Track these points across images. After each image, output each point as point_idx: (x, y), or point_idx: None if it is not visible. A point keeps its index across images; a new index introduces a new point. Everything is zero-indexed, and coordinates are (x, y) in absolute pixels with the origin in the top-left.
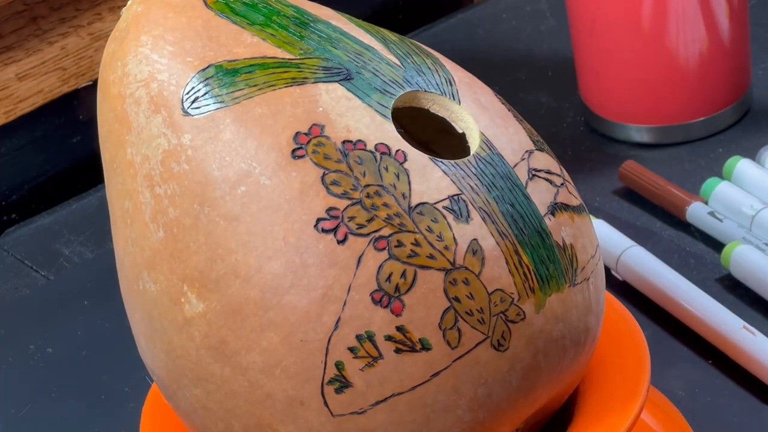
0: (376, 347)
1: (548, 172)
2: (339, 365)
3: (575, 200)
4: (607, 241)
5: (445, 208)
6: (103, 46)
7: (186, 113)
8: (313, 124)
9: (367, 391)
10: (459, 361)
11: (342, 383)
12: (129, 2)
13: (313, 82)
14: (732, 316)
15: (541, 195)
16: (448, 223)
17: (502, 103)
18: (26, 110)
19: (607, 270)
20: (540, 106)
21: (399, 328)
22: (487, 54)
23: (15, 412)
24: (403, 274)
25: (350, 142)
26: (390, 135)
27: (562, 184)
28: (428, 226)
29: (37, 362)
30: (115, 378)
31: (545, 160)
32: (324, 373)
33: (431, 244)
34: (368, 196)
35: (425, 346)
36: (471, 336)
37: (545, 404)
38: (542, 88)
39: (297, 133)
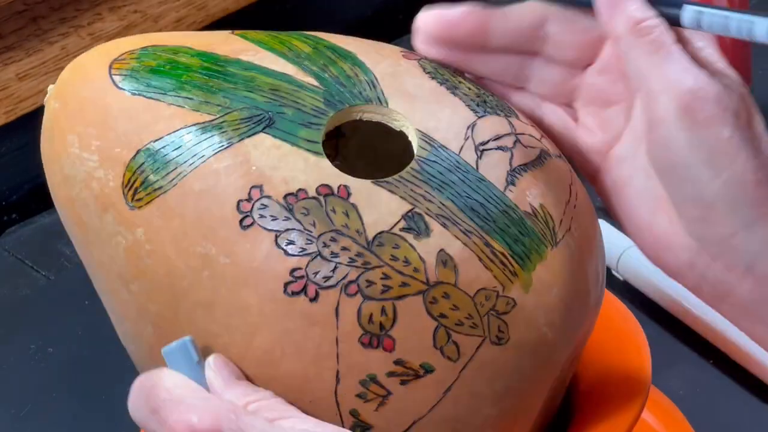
0: (382, 386)
1: (496, 138)
2: (354, 413)
3: (533, 150)
4: (607, 241)
5: (402, 229)
6: None
7: (132, 207)
8: (252, 187)
9: (389, 427)
10: (465, 370)
11: (363, 427)
12: (46, 97)
13: (238, 141)
14: None
15: (495, 169)
16: (409, 244)
17: (433, 78)
18: (26, 110)
19: (608, 270)
20: None
21: (397, 362)
22: None
23: (15, 412)
24: (383, 311)
25: (292, 194)
26: (327, 172)
27: (515, 142)
28: (392, 255)
29: (38, 362)
30: (115, 378)
31: (490, 125)
32: (342, 424)
33: (400, 272)
34: (325, 245)
35: (428, 369)
36: (468, 343)
37: (572, 352)
38: None
39: (239, 202)
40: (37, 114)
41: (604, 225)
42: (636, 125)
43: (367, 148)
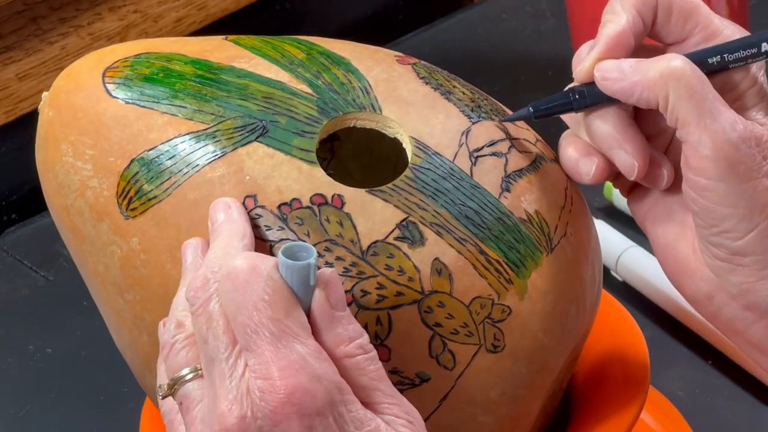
0: None
1: (491, 144)
2: None
3: (528, 156)
4: (607, 241)
5: (396, 238)
6: (102, 45)
7: (126, 217)
8: (246, 197)
9: None
10: (462, 378)
11: None
12: (40, 104)
13: (232, 150)
14: None
15: (489, 176)
16: (403, 253)
17: (427, 83)
18: (26, 110)
19: (606, 271)
20: None
21: (393, 371)
22: (487, 54)
23: (15, 412)
24: (378, 321)
25: (286, 204)
26: (321, 182)
27: (509, 147)
28: (386, 264)
29: (37, 362)
30: (115, 378)
31: (484, 131)
32: None
33: (395, 282)
34: (320, 255)
35: (424, 378)
36: (464, 352)
37: (569, 356)
38: (542, 88)
39: None
40: (36, 114)
41: (602, 225)
42: (674, 157)
43: (362, 150)
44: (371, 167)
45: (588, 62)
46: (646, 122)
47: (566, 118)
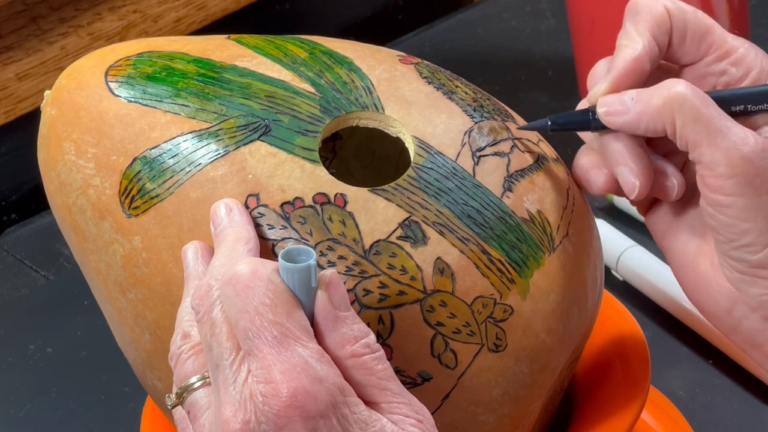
0: None
1: (493, 143)
2: None
3: (531, 156)
4: (607, 241)
5: (399, 238)
6: (102, 45)
7: (129, 215)
8: (248, 196)
9: None
10: (464, 377)
11: None
12: (42, 104)
13: (235, 148)
14: None
15: (492, 176)
16: (406, 252)
17: (429, 83)
18: (26, 110)
19: (607, 270)
20: (540, 106)
21: (395, 371)
22: (487, 54)
23: (15, 412)
24: (380, 320)
25: (288, 203)
26: (324, 180)
27: (512, 147)
28: (389, 264)
29: (37, 362)
30: (115, 378)
31: (487, 131)
32: None
33: (397, 281)
34: (322, 254)
35: (426, 378)
36: (466, 351)
37: (571, 356)
38: (542, 88)
39: None
40: (36, 114)
41: (603, 225)
42: (690, 173)
43: (364, 149)
44: (373, 167)
45: (603, 86)
46: (659, 143)
47: (582, 133)
